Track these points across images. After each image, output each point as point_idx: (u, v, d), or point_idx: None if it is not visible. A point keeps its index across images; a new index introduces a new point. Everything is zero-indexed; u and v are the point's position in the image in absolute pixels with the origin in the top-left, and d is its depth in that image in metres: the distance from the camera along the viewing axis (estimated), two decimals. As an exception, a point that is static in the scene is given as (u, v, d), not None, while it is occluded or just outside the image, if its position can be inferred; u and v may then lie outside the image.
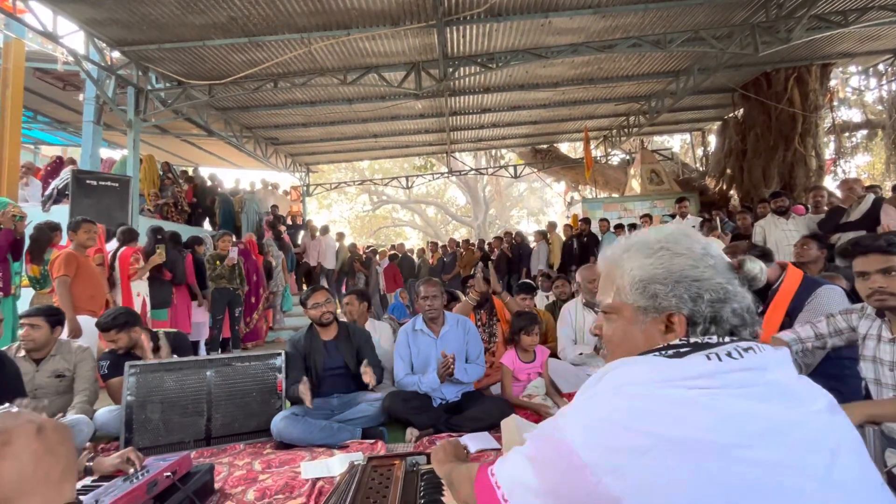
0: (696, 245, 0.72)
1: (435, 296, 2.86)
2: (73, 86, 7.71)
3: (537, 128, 10.67)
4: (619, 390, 0.60)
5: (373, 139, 10.47)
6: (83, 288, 3.44)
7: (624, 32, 6.25)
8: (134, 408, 2.44)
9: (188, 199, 8.64)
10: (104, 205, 5.66)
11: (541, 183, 22.89)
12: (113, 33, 5.68)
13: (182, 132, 9.11)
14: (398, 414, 2.60)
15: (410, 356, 2.89)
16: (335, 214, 26.45)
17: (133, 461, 1.76)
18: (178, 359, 2.73)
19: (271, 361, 2.75)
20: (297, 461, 2.24)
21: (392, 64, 6.68)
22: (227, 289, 5.93)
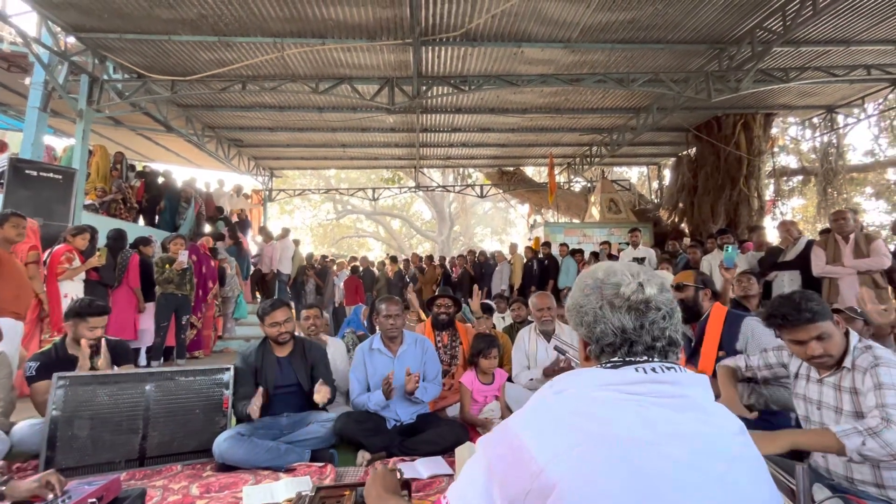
0: (595, 276, 0.83)
1: (397, 314, 2.83)
2: (18, 67, 7.18)
3: (505, 150, 10.93)
4: (563, 394, 0.72)
5: (341, 149, 10.37)
6: (6, 287, 3.15)
7: (591, 68, 6.57)
8: (59, 423, 2.23)
9: (138, 197, 8.18)
10: (44, 197, 5.26)
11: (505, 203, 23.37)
12: (70, 18, 5.37)
13: (137, 125, 8.65)
14: (350, 435, 2.53)
15: (366, 376, 2.83)
16: (297, 221, 25.81)
17: (53, 485, 1.60)
18: (116, 371, 2.54)
19: (218, 376, 2.61)
20: (240, 485, 2.12)
21: (366, 77, 6.69)
22: (175, 294, 5.61)
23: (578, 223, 11.69)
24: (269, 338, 2.75)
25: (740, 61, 6.00)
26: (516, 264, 8.75)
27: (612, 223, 10.71)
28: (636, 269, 0.83)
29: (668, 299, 0.80)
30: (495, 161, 12.13)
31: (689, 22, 5.50)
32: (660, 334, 0.77)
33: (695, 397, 0.72)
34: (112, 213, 7.27)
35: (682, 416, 0.68)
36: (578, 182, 13.86)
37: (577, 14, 5.27)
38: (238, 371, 2.64)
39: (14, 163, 5.23)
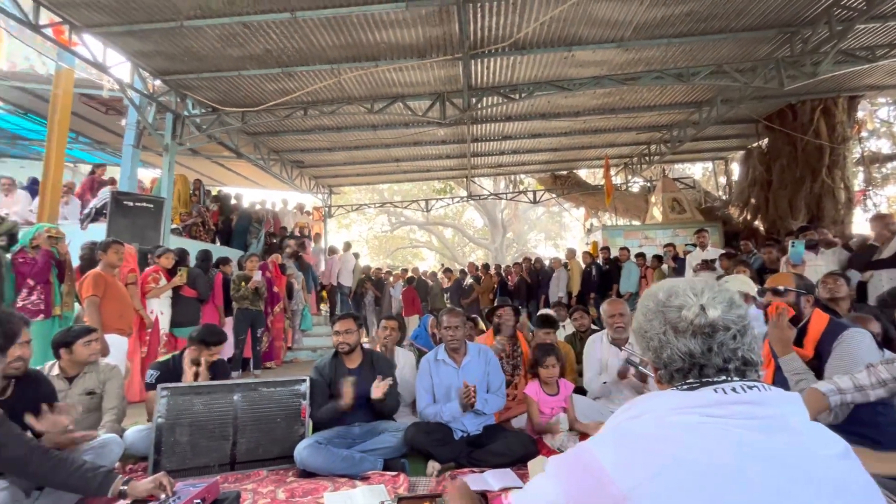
0: (657, 298, 0.80)
1: (457, 326, 2.88)
2: (115, 110, 8.13)
3: (557, 154, 10.76)
4: (640, 419, 0.69)
5: (395, 163, 10.69)
6: (111, 307, 3.56)
7: (647, 66, 6.34)
8: (164, 429, 2.49)
9: (214, 219, 8.92)
10: (139, 224, 5.89)
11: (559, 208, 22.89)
12: (157, 64, 6.02)
13: (212, 154, 9.47)
14: (419, 446, 2.59)
15: (432, 386, 2.89)
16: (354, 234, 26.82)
17: (165, 486, 1.80)
18: (209, 382, 2.79)
19: (295, 387, 2.79)
20: (320, 491, 2.24)
21: (417, 94, 6.89)
22: (251, 309, 6.04)
23: (639, 225, 11.20)
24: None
25: (816, 43, 5.54)
26: (574, 270, 8.54)
27: (676, 224, 10.17)
28: (700, 286, 0.79)
29: (739, 316, 0.76)
30: (548, 166, 11.96)
31: (755, 7, 5.16)
32: (731, 355, 0.73)
33: (785, 417, 0.67)
34: (193, 235, 7.98)
35: (771, 438, 0.64)
36: (637, 182, 13.31)
37: (629, 13, 5.13)
38: (313, 382, 2.80)
39: (115, 195, 5.91)
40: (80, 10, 4.89)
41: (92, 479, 1.81)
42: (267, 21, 5.01)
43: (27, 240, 3.59)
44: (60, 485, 1.84)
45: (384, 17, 4.99)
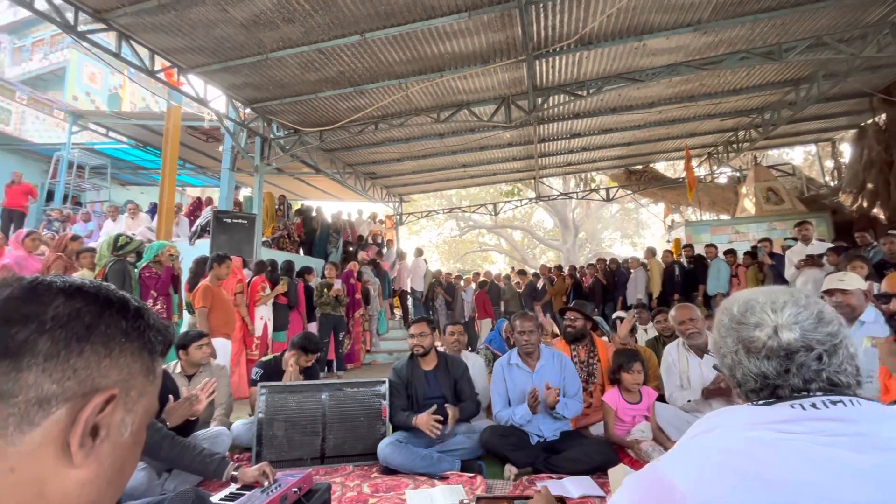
0: (731, 313, 0.76)
1: (532, 330, 2.87)
2: (213, 138, 9.15)
3: (631, 149, 10.23)
4: (713, 433, 0.66)
5: (462, 169, 10.83)
6: (218, 315, 4.02)
7: (729, 47, 5.84)
8: (264, 424, 2.77)
9: (298, 231, 9.67)
10: (236, 239, 6.57)
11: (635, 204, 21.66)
12: (246, 94, 6.70)
13: (294, 171, 10.28)
14: (495, 449, 2.62)
15: (506, 390, 2.91)
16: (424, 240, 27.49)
17: (268, 475, 2.01)
18: (301, 381, 3.06)
19: (376, 388, 2.95)
20: (402, 488, 2.36)
21: (482, 99, 6.95)
22: (332, 314, 6.47)
23: (728, 219, 10.28)
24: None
25: (945, -1, 4.75)
26: (654, 270, 8.05)
27: (772, 216, 9.20)
28: (784, 299, 0.71)
29: (829, 335, 0.68)
30: (620, 161, 11.41)
31: (861, -32, 4.57)
32: (813, 377, 0.67)
33: (879, 434, 0.60)
34: (281, 246, 8.71)
35: (861, 456, 0.58)
36: (723, 173, 12.24)
37: (706, -8, 4.78)
38: (392, 384, 2.95)
39: (216, 213, 6.65)
40: (185, 54, 5.59)
41: (210, 464, 2.08)
42: (339, 45, 5.36)
43: (151, 256, 4.17)
44: (185, 467, 2.15)
45: (447, 28, 5.13)
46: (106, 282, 3.25)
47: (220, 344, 4.09)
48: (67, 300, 0.43)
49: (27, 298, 0.42)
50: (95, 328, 0.43)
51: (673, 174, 12.34)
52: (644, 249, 9.10)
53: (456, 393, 2.93)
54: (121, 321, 0.46)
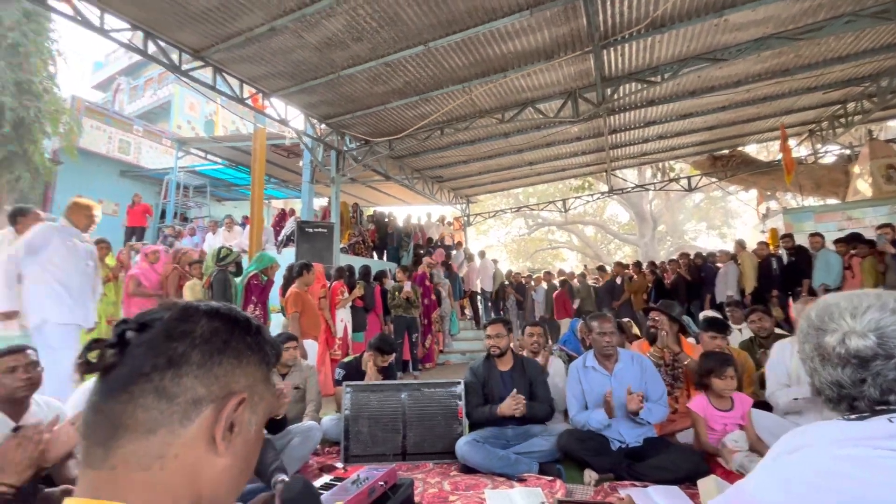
0: (809, 318, 0.73)
1: (612, 332, 2.78)
2: (294, 154, 9.91)
3: (714, 133, 9.42)
4: (801, 452, 0.62)
5: (528, 167, 10.68)
6: (307, 319, 4.37)
7: (831, 10, 5.18)
8: (350, 420, 2.97)
9: (372, 237, 10.15)
10: (317, 247, 7.07)
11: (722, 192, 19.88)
12: (321, 111, 7.18)
13: (366, 179, 10.80)
14: (574, 453, 2.58)
15: (583, 393, 2.85)
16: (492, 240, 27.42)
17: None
18: (382, 381, 3.23)
19: (452, 389, 3.03)
20: (481, 487, 2.41)
21: (547, 95, 6.82)
22: (405, 316, 6.70)
23: (837, 204, 9.10)
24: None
25: None
26: (746, 264, 7.35)
27: (893, 198, 7.98)
28: (868, 302, 0.66)
29: None
30: (703, 147, 10.55)
31: None
32: (892, 387, 0.62)
33: None
34: (357, 252, 9.21)
35: None
36: (829, 152, 10.83)
37: (799, -46, 4.30)
38: (468, 383, 3.01)
39: (299, 224, 7.20)
40: (268, 80, 6.13)
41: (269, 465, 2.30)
42: (404, 57, 5.56)
43: (262, 266, 4.60)
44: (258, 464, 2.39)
45: (509, 28, 5.11)
46: (210, 289, 3.66)
47: (309, 345, 4.44)
48: (209, 320, 0.53)
49: (182, 319, 0.52)
50: (230, 343, 0.53)
51: (766, 157, 11.15)
52: (734, 241, 8.34)
53: (531, 395, 2.93)
54: (247, 337, 0.56)
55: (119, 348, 0.49)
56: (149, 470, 0.46)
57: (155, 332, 0.50)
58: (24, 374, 2.03)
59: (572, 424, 2.80)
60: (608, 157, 9.99)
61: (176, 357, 0.49)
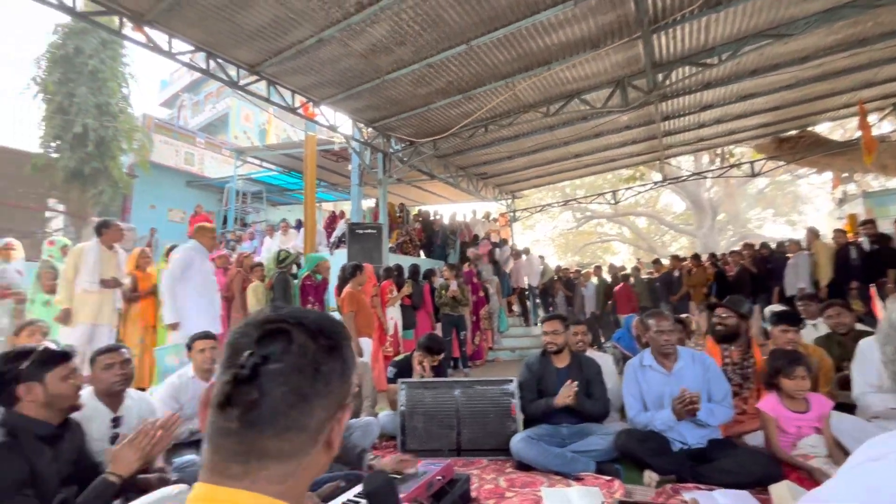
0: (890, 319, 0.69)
1: (671, 330, 2.69)
2: (342, 158, 10.26)
3: (780, 113, 8.73)
4: (886, 459, 0.56)
5: (575, 159, 10.41)
6: (361, 318, 4.54)
7: (916, -30, 4.67)
8: (406, 416, 3.06)
9: (419, 236, 10.31)
10: (367, 248, 7.29)
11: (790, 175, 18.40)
12: (368, 115, 7.38)
13: (411, 179, 10.97)
14: (633, 453, 2.52)
15: (641, 393, 2.77)
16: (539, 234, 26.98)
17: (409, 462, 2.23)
18: (435, 378, 3.31)
19: (504, 387, 3.05)
20: (537, 485, 2.41)
21: (594, 86, 6.62)
22: (452, 315, 6.76)
23: (927, 184, 8.17)
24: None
25: None
26: (820, 254, 6.77)
27: None
28: None
29: None
30: (766, 129, 9.82)
31: None
32: None
33: None
34: (405, 251, 9.39)
35: None
36: (917, 126, 9.75)
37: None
38: (523, 377, 3.02)
39: (350, 226, 7.46)
40: (317, 89, 6.39)
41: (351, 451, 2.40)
42: (447, 57, 5.61)
43: (311, 267, 4.86)
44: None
45: (552, 20, 5.01)
46: (272, 291, 3.91)
47: (364, 343, 4.61)
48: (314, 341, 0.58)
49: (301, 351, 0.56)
50: (336, 362, 0.59)
51: (841, 136, 10.19)
52: (806, 230, 7.71)
53: (587, 393, 2.89)
54: (343, 347, 0.61)
55: (253, 384, 0.53)
56: (284, 484, 0.53)
57: (284, 366, 0.54)
58: (119, 370, 2.28)
59: (632, 424, 2.73)
60: (661, 144, 9.54)
61: (307, 393, 0.55)
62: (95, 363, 2.26)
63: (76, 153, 11.36)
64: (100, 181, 11.88)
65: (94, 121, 11.47)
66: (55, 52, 11.53)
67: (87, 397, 2.05)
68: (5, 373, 1.48)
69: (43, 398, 1.52)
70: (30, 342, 2.96)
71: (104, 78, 11.82)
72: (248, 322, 0.59)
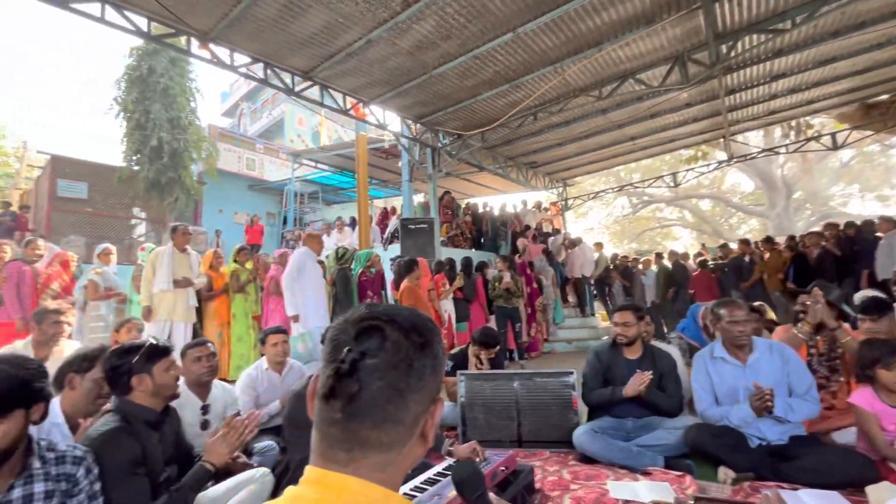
0: None
1: (746, 320, 2.52)
2: (392, 155, 10.47)
3: (867, 77, 7.82)
4: None
5: (630, 142, 9.96)
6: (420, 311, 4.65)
7: None
8: (465, 407, 3.12)
9: (469, 228, 10.32)
10: (420, 242, 7.42)
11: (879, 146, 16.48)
12: (416, 112, 7.47)
13: (460, 172, 10.99)
14: (706, 449, 2.41)
15: (712, 386, 2.63)
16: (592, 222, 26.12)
17: (478, 452, 2.28)
18: (493, 371, 3.33)
19: (564, 379, 3.01)
20: (602, 478, 2.38)
21: (649, 63, 6.28)
22: (506, 307, 6.73)
23: None
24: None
25: None
26: (920, 232, 6.04)
27: None
28: None
29: None
30: (851, 96, 8.84)
31: None
32: None
33: None
34: (456, 244, 9.44)
35: None
36: None
37: None
38: (590, 364, 2.95)
39: (402, 221, 7.62)
40: (367, 89, 6.56)
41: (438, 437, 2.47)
42: (493, 47, 5.54)
43: (364, 262, 5.05)
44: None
45: (602, -1, 4.81)
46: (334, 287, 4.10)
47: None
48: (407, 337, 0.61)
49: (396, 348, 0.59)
50: (427, 357, 0.62)
51: (945, 97, 8.95)
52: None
53: (660, 388, 2.77)
54: (435, 343, 0.64)
55: (353, 377, 0.57)
56: (384, 472, 0.58)
57: (380, 361, 0.58)
58: (206, 362, 2.50)
59: (702, 419, 2.60)
60: (726, 121, 8.88)
61: (402, 387, 0.58)
62: (185, 356, 2.50)
63: (154, 165, 12.42)
64: (174, 189, 12.92)
65: (167, 134, 12.47)
66: (132, 74, 12.63)
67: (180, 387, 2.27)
68: (119, 366, 1.68)
69: (151, 388, 1.72)
70: (128, 338, 3.32)
71: (174, 94, 12.79)
72: (346, 319, 0.63)
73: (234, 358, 5.17)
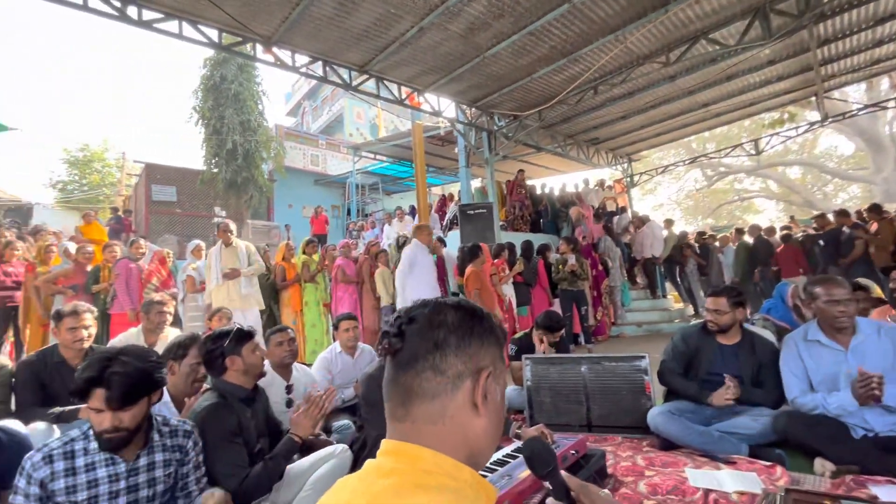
0: None
1: (849, 300, 2.25)
2: (448, 141, 10.49)
3: None
4: None
5: (702, 110, 9.17)
6: (485, 296, 4.71)
7: None
8: (532, 390, 3.11)
9: (528, 211, 10.11)
10: (479, 227, 7.41)
11: None
12: (470, 96, 7.40)
13: (517, 154, 10.76)
14: (800, 439, 2.22)
15: (805, 371, 2.40)
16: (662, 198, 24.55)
17: (547, 435, 2.27)
18: (559, 355, 3.29)
19: (636, 363, 2.90)
20: (680, 465, 2.28)
21: (723, 20, 5.71)
22: (570, 290, 6.55)
23: None
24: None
25: None
26: None
27: None
28: None
29: None
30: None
31: None
32: None
33: None
34: (515, 228, 9.31)
35: None
36: None
37: None
38: (675, 348, 2.80)
39: (461, 207, 7.64)
40: (421, 77, 6.60)
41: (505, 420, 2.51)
42: (548, 21, 5.33)
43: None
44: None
45: (668, -46, 4.42)
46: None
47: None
48: (455, 312, 0.67)
49: (437, 312, 0.67)
50: (475, 329, 0.66)
51: None
52: None
53: (756, 382, 2.56)
54: (483, 322, 0.68)
55: (400, 337, 0.65)
56: (436, 424, 0.62)
57: (421, 323, 0.65)
58: (287, 347, 2.71)
59: (794, 406, 2.39)
60: (818, 76, 7.89)
61: (439, 341, 0.64)
62: (269, 341, 2.73)
63: (230, 166, 13.44)
64: (249, 188, 13.92)
65: (240, 137, 13.42)
66: (206, 83, 13.67)
67: (267, 368, 2.48)
68: (214, 349, 1.88)
69: (242, 367, 1.91)
70: (219, 325, 3.66)
71: (244, 98, 13.69)
72: (414, 302, 0.70)
73: (309, 343, 5.54)
